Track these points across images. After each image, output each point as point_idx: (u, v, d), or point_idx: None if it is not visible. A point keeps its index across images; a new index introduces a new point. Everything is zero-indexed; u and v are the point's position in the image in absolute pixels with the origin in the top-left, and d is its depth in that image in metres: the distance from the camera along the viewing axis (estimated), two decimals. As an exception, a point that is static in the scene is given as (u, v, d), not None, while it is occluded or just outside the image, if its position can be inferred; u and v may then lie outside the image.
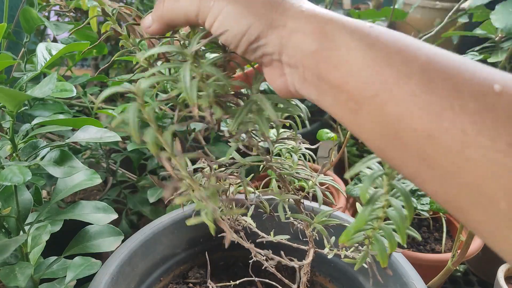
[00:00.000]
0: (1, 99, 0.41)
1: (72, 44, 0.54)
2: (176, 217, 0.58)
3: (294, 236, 0.46)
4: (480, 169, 0.20)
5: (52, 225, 0.52)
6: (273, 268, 0.43)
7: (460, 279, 0.85)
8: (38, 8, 0.66)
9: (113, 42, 1.31)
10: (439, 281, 0.61)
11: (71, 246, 0.52)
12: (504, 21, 0.70)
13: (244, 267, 0.64)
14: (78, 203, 0.52)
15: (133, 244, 0.52)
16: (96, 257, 0.53)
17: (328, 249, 0.41)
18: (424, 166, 0.22)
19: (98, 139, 0.48)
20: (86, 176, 0.52)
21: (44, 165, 0.45)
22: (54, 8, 0.53)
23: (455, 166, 0.20)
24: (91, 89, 0.85)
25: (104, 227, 0.54)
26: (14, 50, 0.70)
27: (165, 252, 0.57)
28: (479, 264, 0.86)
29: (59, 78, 0.63)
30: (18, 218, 0.47)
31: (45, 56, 0.56)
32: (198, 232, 0.60)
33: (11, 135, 0.46)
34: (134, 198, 0.87)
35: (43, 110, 0.61)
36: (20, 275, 0.42)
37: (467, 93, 0.21)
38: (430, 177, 0.22)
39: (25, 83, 0.54)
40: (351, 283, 0.56)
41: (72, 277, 0.50)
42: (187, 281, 0.59)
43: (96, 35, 0.77)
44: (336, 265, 0.58)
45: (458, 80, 0.21)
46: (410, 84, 0.22)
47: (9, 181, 0.40)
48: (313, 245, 0.43)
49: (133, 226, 0.88)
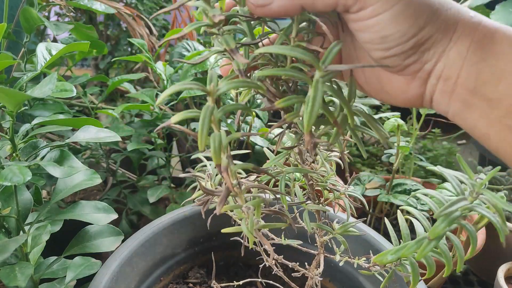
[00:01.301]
0: (1, 99, 0.41)
1: (72, 44, 0.54)
2: (176, 217, 0.58)
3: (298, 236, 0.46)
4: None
5: (52, 225, 0.52)
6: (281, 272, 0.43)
7: (460, 279, 0.85)
8: (38, 8, 0.66)
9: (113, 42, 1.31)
10: (439, 281, 0.61)
11: (71, 246, 0.52)
12: (504, 21, 0.70)
13: (244, 267, 0.64)
14: (78, 203, 0.52)
15: (133, 244, 0.52)
16: (96, 257, 0.53)
17: (339, 256, 0.40)
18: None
19: (98, 139, 0.48)
20: (86, 176, 0.52)
21: (44, 165, 0.45)
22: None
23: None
24: (91, 89, 0.85)
25: (104, 227, 0.54)
26: (14, 50, 0.70)
27: (165, 252, 0.57)
28: (479, 264, 0.86)
29: (59, 78, 0.63)
30: (18, 218, 0.47)
31: (45, 56, 0.56)
32: (198, 232, 0.60)
33: (11, 135, 0.46)
34: (134, 198, 0.87)
35: (43, 110, 0.61)
36: (20, 275, 0.42)
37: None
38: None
39: (25, 83, 0.54)
40: (351, 283, 0.56)
41: (72, 277, 0.50)
42: (187, 281, 0.59)
43: (96, 35, 0.77)
44: (336, 265, 0.58)
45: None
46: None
47: (9, 181, 0.39)
48: (324, 251, 0.42)
49: (133, 226, 0.88)
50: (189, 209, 0.58)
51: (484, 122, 0.25)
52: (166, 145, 0.89)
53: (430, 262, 0.30)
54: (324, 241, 0.41)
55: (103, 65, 1.29)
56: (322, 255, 0.42)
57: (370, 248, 0.51)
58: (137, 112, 0.93)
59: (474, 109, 0.25)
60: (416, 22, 0.25)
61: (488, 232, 0.73)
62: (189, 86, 0.23)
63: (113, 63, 1.30)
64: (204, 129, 0.22)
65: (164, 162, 0.91)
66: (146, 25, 0.97)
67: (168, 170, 0.91)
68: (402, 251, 0.30)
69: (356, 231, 0.40)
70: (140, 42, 0.81)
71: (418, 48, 0.26)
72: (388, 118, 0.77)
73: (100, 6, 0.73)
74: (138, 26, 0.94)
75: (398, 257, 0.31)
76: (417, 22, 0.25)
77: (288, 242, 0.42)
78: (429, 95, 0.28)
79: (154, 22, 1.26)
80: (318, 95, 0.23)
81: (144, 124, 0.82)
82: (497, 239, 0.77)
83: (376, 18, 0.25)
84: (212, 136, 0.23)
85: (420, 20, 0.25)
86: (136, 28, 0.93)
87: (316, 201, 0.39)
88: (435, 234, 0.27)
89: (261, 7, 0.26)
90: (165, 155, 0.89)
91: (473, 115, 0.26)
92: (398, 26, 0.25)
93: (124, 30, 1.30)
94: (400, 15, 0.25)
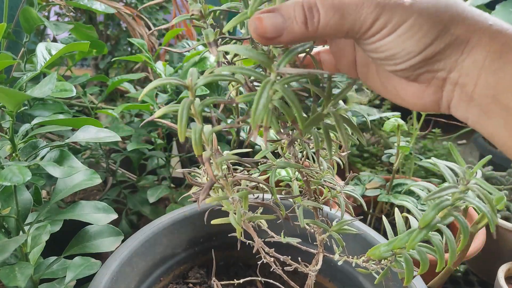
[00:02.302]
0: (1, 99, 0.41)
1: (72, 44, 0.54)
2: (176, 217, 0.58)
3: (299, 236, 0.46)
4: None
5: (52, 225, 0.52)
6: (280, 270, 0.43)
7: (461, 279, 0.85)
8: (38, 8, 0.65)
9: (113, 42, 1.31)
10: (439, 281, 0.61)
11: (71, 246, 0.52)
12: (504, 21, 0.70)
13: (244, 267, 0.64)
14: (78, 203, 0.52)
15: (133, 244, 0.52)
16: (96, 257, 0.53)
17: (338, 255, 0.41)
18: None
19: (98, 139, 0.48)
20: (86, 176, 0.52)
21: (44, 165, 0.45)
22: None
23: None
24: (91, 89, 0.85)
25: (104, 227, 0.54)
26: (14, 50, 0.70)
27: (165, 252, 0.57)
28: (479, 264, 0.85)
29: (59, 78, 0.63)
30: (18, 218, 0.47)
31: (45, 56, 0.56)
32: (198, 232, 0.60)
33: (11, 135, 0.46)
34: (134, 198, 0.87)
35: (43, 110, 0.61)
36: (20, 275, 0.42)
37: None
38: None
39: (25, 83, 0.54)
40: (351, 283, 0.56)
41: (72, 277, 0.50)
42: (187, 281, 0.59)
43: (96, 35, 0.76)
44: (336, 265, 0.58)
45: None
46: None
47: (9, 181, 0.39)
48: (323, 250, 0.42)
49: (133, 226, 0.88)
50: (189, 209, 0.58)
51: (504, 131, 0.25)
52: (166, 145, 0.89)
53: (423, 257, 0.30)
54: (324, 239, 0.42)
55: (103, 65, 1.29)
56: (321, 254, 0.42)
57: (370, 248, 0.51)
58: (137, 112, 0.93)
59: (494, 117, 0.25)
60: (421, 40, 0.25)
61: (488, 232, 0.72)
62: (168, 81, 0.24)
63: (113, 63, 1.30)
64: (183, 120, 0.23)
65: (164, 162, 0.91)
66: (146, 25, 0.97)
67: (168, 170, 0.91)
68: (394, 243, 0.30)
69: (354, 230, 0.40)
70: (140, 42, 0.81)
71: (426, 61, 0.26)
72: (388, 118, 0.77)
73: (100, 6, 0.73)
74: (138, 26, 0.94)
75: (390, 249, 0.31)
76: (423, 40, 0.25)
77: (288, 240, 0.42)
78: (446, 102, 0.28)
79: (154, 22, 1.26)
80: (263, 95, 0.23)
81: (144, 124, 0.82)
82: (497, 239, 0.77)
83: (382, 41, 0.26)
84: (193, 129, 0.24)
85: (426, 38, 0.25)
86: (136, 28, 0.93)
87: (312, 198, 0.39)
88: (425, 222, 0.27)
89: (268, 39, 0.25)
90: (165, 155, 0.89)
91: (493, 123, 0.25)
92: (403, 46, 0.25)
93: (124, 30, 1.30)
94: (404, 35, 0.25)
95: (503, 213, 0.81)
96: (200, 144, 0.24)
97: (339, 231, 0.39)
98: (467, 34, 0.25)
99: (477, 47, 0.25)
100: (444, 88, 0.27)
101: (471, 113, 0.27)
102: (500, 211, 0.81)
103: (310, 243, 0.47)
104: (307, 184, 0.39)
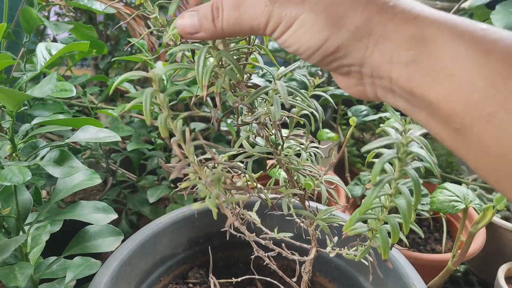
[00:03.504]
0: (1, 99, 0.41)
1: (72, 44, 0.54)
2: (176, 217, 0.58)
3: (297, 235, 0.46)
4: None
5: (52, 225, 0.52)
6: (275, 266, 0.43)
7: (461, 279, 0.85)
8: (38, 8, 0.65)
9: (113, 42, 1.31)
10: (439, 281, 0.61)
11: (71, 246, 0.52)
12: (504, 21, 0.70)
13: (244, 268, 0.64)
14: (78, 203, 0.52)
15: (133, 244, 0.52)
16: (96, 257, 0.53)
17: (330, 248, 0.41)
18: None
19: (98, 139, 0.48)
20: (86, 176, 0.52)
21: (44, 165, 0.45)
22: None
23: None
24: (91, 89, 0.85)
25: (104, 227, 0.54)
26: (14, 50, 0.70)
27: (165, 252, 0.57)
28: (479, 264, 0.85)
29: (59, 78, 0.63)
30: (18, 218, 0.47)
31: (45, 56, 0.56)
32: (198, 232, 0.60)
33: (11, 135, 0.46)
34: (134, 198, 0.87)
35: (43, 110, 0.61)
36: (20, 275, 0.42)
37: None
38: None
39: (25, 83, 0.54)
40: (351, 283, 0.56)
41: (72, 277, 0.50)
42: (187, 281, 0.59)
43: (96, 35, 0.76)
44: (336, 265, 0.58)
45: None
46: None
47: (9, 181, 0.39)
48: (316, 244, 0.43)
49: (133, 226, 0.88)
50: (189, 209, 0.58)
51: (433, 124, 0.24)
52: (166, 145, 0.89)
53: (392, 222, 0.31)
54: (316, 233, 0.43)
55: (103, 65, 1.29)
56: (315, 248, 0.43)
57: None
58: (137, 112, 0.93)
59: (420, 109, 0.24)
60: (316, 36, 0.25)
61: (488, 232, 0.72)
62: (132, 74, 0.28)
63: (113, 63, 1.30)
64: (147, 107, 0.26)
65: (164, 162, 0.91)
66: (146, 25, 0.97)
67: (168, 170, 0.90)
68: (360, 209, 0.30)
69: (341, 219, 0.41)
70: (140, 42, 0.81)
71: (330, 57, 0.26)
72: (388, 118, 0.77)
73: (100, 6, 0.73)
74: (138, 26, 0.94)
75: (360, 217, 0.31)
76: (317, 36, 0.25)
77: (281, 236, 0.42)
78: (372, 92, 0.27)
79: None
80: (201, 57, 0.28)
81: (144, 124, 0.82)
82: (497, 239, 0.77)
83: (282, 38, 0.26)
84: (159, 117, 0.27)
85: (321, 34, 0.24)
86: (136, 28, 0.93)
87: (296, 187, 0.40)
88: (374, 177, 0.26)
89: (189, 34, 0.29)
90: (165, 155, 0.89)
91: (421, 115, 0.24)
92: (300, 42, 0.26)
93: (124, 30, 1.30)
94: (298, 32, 0.25)
95: (503, 213, 0.81)
96: (165, 128, 0.27)
97: (325, 220, 0.40)
98: (368, 25, 0.24)
99: (383, 40, 0.23)
100: (363, 80, 0.27)
101: (400, 103, 0.26)
102: (500, 211, 0.81)
103: (309, 243, 0.47)
104: (288, 173, 0.40)
